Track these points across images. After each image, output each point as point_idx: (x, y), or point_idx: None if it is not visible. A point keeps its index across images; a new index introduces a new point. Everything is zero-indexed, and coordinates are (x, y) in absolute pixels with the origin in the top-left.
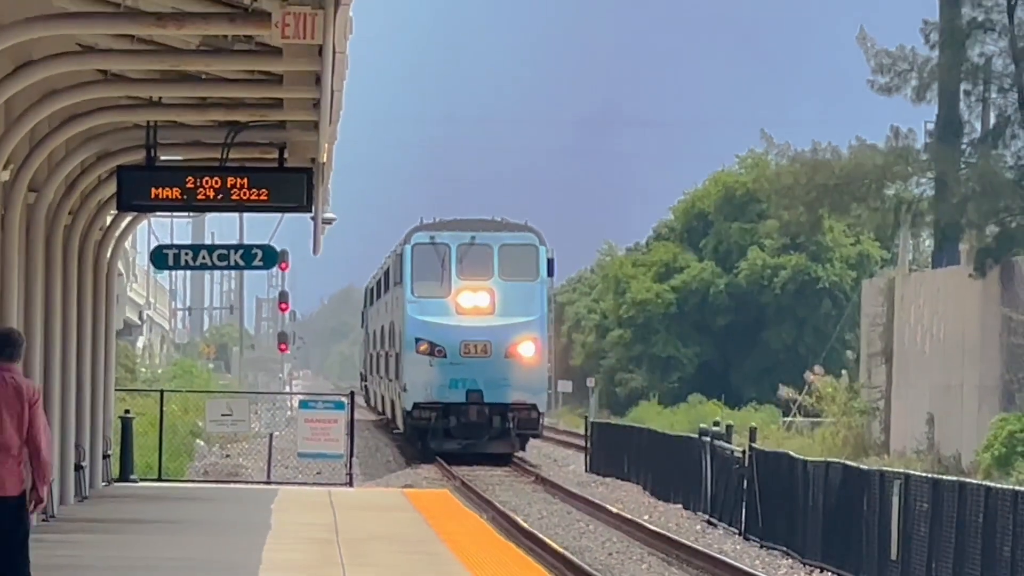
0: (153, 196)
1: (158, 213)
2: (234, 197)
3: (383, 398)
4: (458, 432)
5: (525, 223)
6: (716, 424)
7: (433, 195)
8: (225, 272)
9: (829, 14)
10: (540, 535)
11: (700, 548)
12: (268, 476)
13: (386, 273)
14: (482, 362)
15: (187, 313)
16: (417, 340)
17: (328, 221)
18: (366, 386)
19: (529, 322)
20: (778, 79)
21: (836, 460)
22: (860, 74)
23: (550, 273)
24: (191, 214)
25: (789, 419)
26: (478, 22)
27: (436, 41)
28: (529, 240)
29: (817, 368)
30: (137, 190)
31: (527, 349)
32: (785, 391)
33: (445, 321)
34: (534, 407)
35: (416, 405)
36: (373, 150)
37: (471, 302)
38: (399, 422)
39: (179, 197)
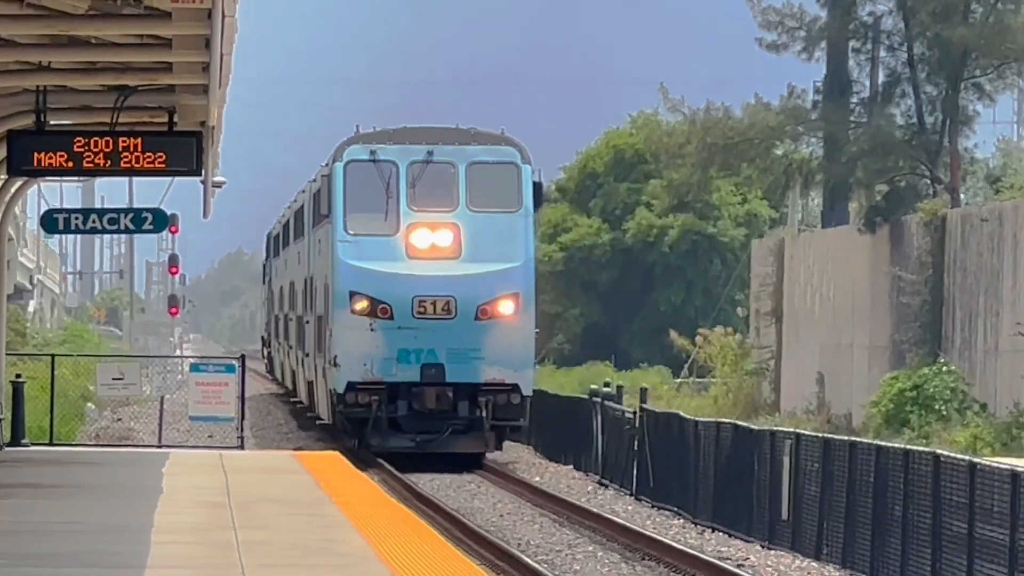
0: (43, 161)
1: (48, 178)
2: (124, 161)
3: (295, 374)
4: (410, 424)
5: (502, 132)
6: (607, 385)
7: (323, 160)
8: (115, 236)
9: None
10: (431, 496)
11: (591, 508)
12: (159, 440)
13: (301, 209)
14: (444, 326)
15: (77, 277)
16: (352, 295)
17: (218, 184)
18: (269, 354)
19: (509, 270)
20: (677, 39)
21: (727, 420)
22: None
23: (537, 204)
24: (81, 178)
25: (680, 379)
26: None
27: (327, 5)
28: (508, 156)
29: (718, 328)
30: (27, 155)
31: (506, 308)
32: (676, 339)
33: (392, 268)
34: (515, 388)
35: (351, 386)
36: (264, 114)
37: (428, 242)
38: (322, 409)
39: (69, 162)
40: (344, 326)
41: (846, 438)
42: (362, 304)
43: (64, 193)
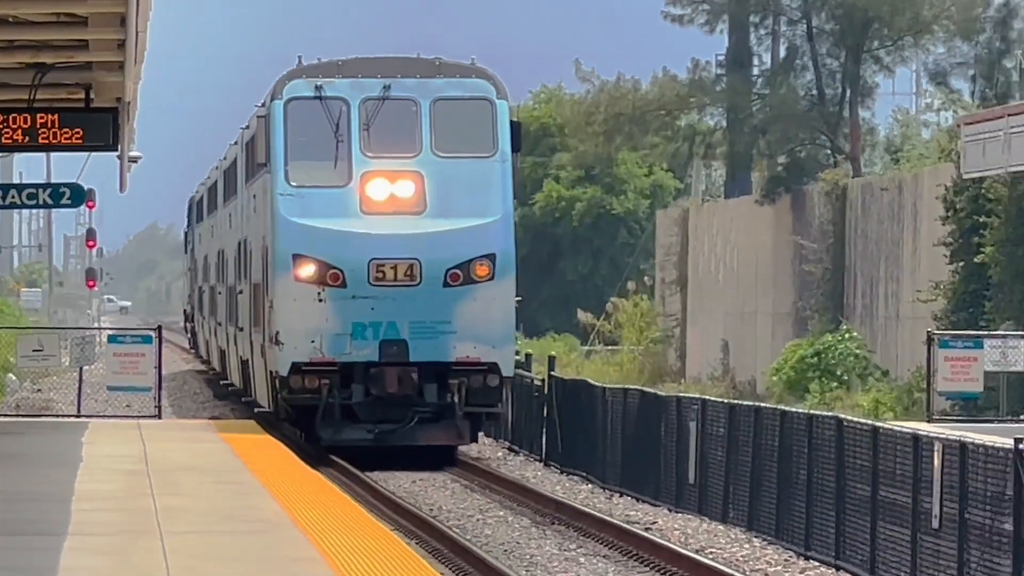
0: None
1: None
2: (42, 137)
3: (225, 353)
4: (367, 412)
5: (472, 63)
6: (516, 353)
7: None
8: (34, 211)
9: None
10: (344, 463)
11: (501, 474)
12: (78, 409)
13: (233, 165)
14: (406, 294)
15: None
16: (296, 258)
17: (134, 159)
18: (192, 329)
19: (483, 227)
20: (588, 17)
21: (634, 387)
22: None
23: (516, 147)
24: (0, 153)
25: (588, 347)
26: None
27: None
28: (480, 91)
29: (632, 288)
30: None
31: (481, 271)
32: (583, 316)
33: (343, 226)
34: (493, 368)
35: (296, 368)
36: (183, 91)
37: (386, 194)
38: (261, 394)
39: None
40: (287, 296)
41: (751, 404)
42: (308, 269)
43: None
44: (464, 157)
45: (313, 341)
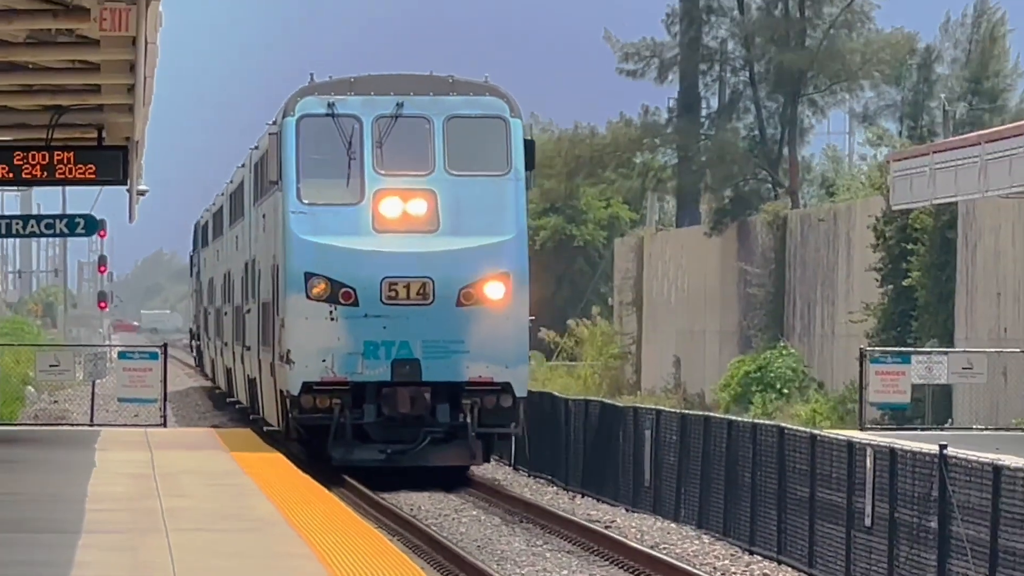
0: None
1: None
2: (59, 173)
3: (231, 372)
4: (379, 432)
5: (486, 80)
6: None
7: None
8: (51, 239)
9: (581, 12)
10: (352, 480)
11: (474, 477)
12: (91, 419)
13: (240, 187)
14: (419, 313)
15: (17, 276)
16: (308, 277)
17: (142, 192)
18: (198, 348)
19: (497, 246)
20: (546, 73)
21: (595, 398)
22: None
23: (530, 165)
24: (20, 188)
25: (551, 363)
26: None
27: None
28: (494, 109)
29: (599, 310)
30: None
31: (494, 291)
32: (546, 334)
33: (355, 245)
34: (506, 388)
35: (307, 387)
36: (187, 130)
37: (398, 212)
38: (270, 413)
39: (10, 173)
40: (298, 314)
41: (701, 413)
42: (320, 288)
43: (4, 201)
44: (477, 175)
45: (324, 360)
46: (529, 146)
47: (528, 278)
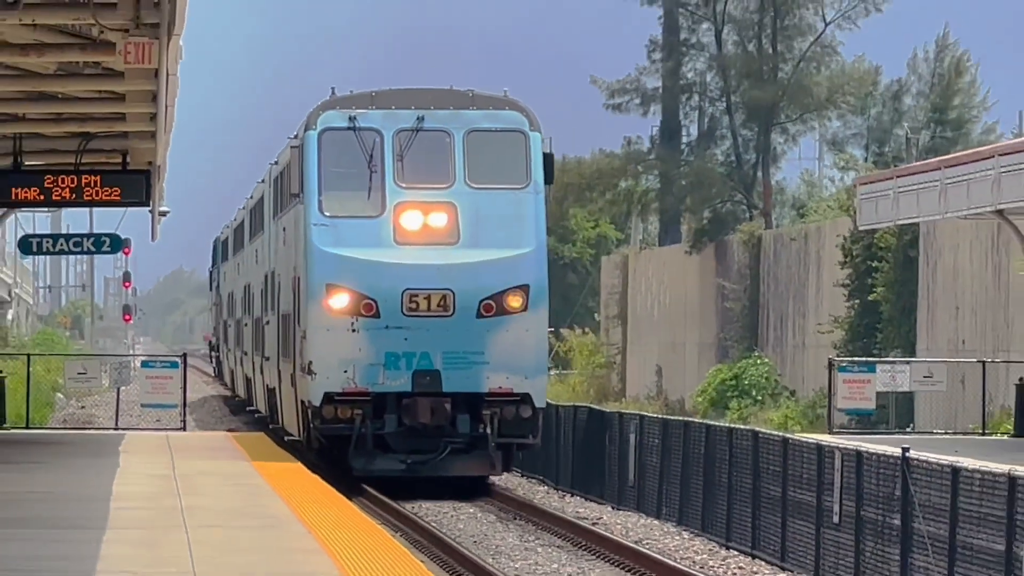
0: (20, 195)
1: (24, 209)
2: (86, 195)
3: (251, 381)
4: (400, 442)
5: (505, 94)
6: None
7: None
8: (79, 256)
9: (570, 45)
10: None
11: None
12: (116, 423)
13: (260, 203)
14: (439, 325)
15: (48, 290)
16: (329, 288)
17: (163, 213)
18: (217, 358)
19: (517, 258)
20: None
21: (583, 404)
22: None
23: (548, 179)
24: (51, 209)
25: None
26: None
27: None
28: (513, 122)
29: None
30: (6, 191)
31: (514, 302)
32: None
33: (377, 257)
34: (525, 399)
35: (329, 398)
36: (205, 155)
37: (419, 225)
38: (291, 423)
39: (41, 195)
40: (320, 326)
41: (681, 419)
42: (342, 299)
43: (36, 221)
44: (497, 188)
45: (346, 371)
46: (548, 159)
47: (547, 290)
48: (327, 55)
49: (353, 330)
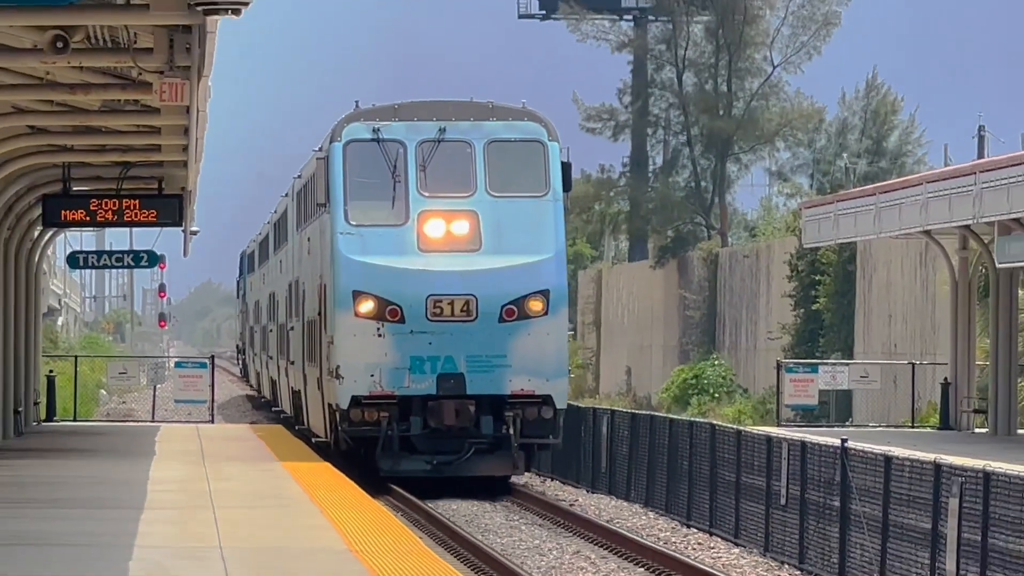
0: (68, 217)
1: (72, 229)
2: (127, 216)
3: (276, 383)
4: (425, 444)
5: (523, 106)
6: None
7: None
8: (120, 270)
9: (549, 74)
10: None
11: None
12: (152, 416)
13: (284, 215)
14: (463, 329)
15: (93, 300)
16: (356, 295)
17: (194, 232)
18: (244, 361)
19: (537, 264)
20: None
21: None
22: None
23: (567, 187)
24: (95, 229)
25: None
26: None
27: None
28: (532, 133)
29: None
30: (56, 213)
31: (535, 307)
32: None
33: (401, 264)
34: (547, 400)
35: (356, 401)
36: (232, 180)
37: (442, 233)
38: (318, 425)
39: (87, 217)
40: (347, 331)
41: (648, 413)
42: (368, 305)
43: (83, 239)
44: (517, 197)
45: (372, 375)
46: (566, 169)
47: (567, 295)
48: (339, 89)
49: (379, 335)
